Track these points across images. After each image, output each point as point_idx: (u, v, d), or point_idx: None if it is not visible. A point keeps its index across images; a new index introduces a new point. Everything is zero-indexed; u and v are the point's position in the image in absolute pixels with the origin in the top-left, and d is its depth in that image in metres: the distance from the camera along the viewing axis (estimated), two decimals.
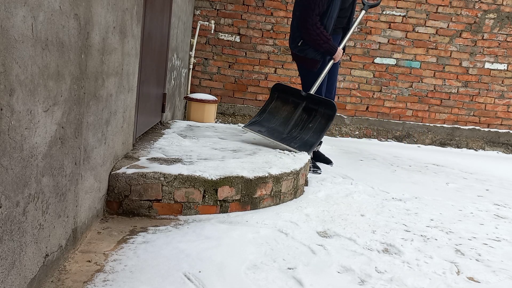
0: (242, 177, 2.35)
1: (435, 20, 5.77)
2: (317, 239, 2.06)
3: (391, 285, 1.68)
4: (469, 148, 5.94)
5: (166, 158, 2.46)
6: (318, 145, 3.92)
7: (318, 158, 3.89)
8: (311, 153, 3.17)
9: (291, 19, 3.65)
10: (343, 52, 3.69)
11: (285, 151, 3.07)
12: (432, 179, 3.76)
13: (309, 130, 3.22)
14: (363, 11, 3.73)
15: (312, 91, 3.37)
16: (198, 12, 5.65)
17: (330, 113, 3.21)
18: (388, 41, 5.78)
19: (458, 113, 5.93)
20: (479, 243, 2.25)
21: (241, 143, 3.24)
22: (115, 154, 2.22)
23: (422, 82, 5.85)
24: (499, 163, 5.03)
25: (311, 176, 3.26)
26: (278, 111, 3.40)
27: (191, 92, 5.58)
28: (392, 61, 5.80)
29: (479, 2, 5.74)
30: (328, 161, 3.87)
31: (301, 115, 3.31)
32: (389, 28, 5.77)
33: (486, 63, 5.85)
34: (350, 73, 5.81)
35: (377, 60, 5.81)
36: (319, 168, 3.52)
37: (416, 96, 5.88)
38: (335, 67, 3.75)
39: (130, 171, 2.16)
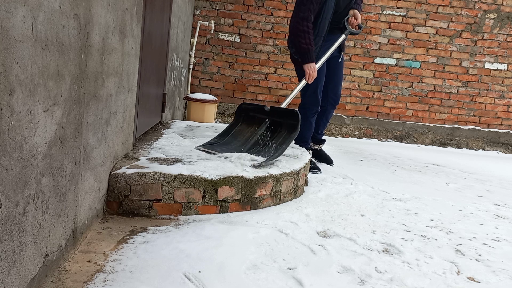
0: (242, 177, 2.35)
1: (435, 20, 5.77)
2: (317, 239, 2.06)
3: (391, 285, 1.68)
4: (469, 148, 5.94)
5: (166, 158, 2.46)
6: (321, 144, 3.88)
7: (320, 157, 3.86)
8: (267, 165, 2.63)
9: (290, 18, 3.64)
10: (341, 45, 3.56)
11: (284, 154, 3.07)
12: (432, 179, 3.76)
13: (271, 147, 2.80)
14: (343, 36, 3.50)
15: (284, 105, 3.15)
16: (198, 12, 5.65)
17: (293, 123, 2.81)
18: (388, 41, 5.78)
19: (458, 113, 5.93)
20: (479, 243, 2.25)
21: None
22: (115, 154, 2.22)
23: (422, 82, 5.85)
24: (499, 163, 5.03)
25: (311, 176, 3.26)
26: (241, 133, 3.07)
27: (191, 92, 5.58)
28: (392, 61, 5.80)
29: (479, 2, 5.74)
30: (329, 161, 3.83)
31: (264, 133, 2.94)
32: (389, 28, 5.77)
33: (486, 63, 5.85)
34: (350, 73, 5.81)
35: (377, 60, 5.81)
36: (319, 169, 3.50)
37: (416, 96, 5.88)
38: (338, 66, 3.63)
39: (130, 171, 2.16)
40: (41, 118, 1.28)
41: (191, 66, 5.51)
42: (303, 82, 3.33)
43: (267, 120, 2.98)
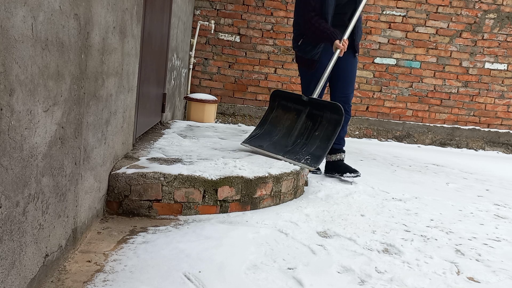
0: (242, 177, 2.35)
1: (435, 20, 5.77)
2: (317, 239, 2.06)
3: (391, 285, 1.68)
4: (469, 148, 5.94)
5: (166, 158, 2.46)
6: (342, 152, 3.46)
7: (345, 170, 3.34)
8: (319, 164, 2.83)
9: (292, 19, 3.57)
10: (355, 44, 3.35)
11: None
12: (432, 179, 3.76)
13: (316, 139, 2.88)
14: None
15: (315, 95, 3.08)
16: (198, 12, 5.65)
17: (337, 118, 2.87)
18: (388, 41, 5.78)
19: (458, 113, 5.93)
20: (479, 243, 2.25)
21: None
22: (115, 154, 2.22)
23: (422, 82, 5.85)
24: (499, 163, 5.03)
25: (311, 176, 3.26)
26: (280, 120, 3.08)
27: (191, 92, 5.58)
28: (392, 61, 5.80)
29: (479, 2, 5.74)
30: (355, 171, 3.33)
31: (305, 123, 2.99)
32: (389, 28, 5.77)
33: (486, 63, 5.85)
34: None
35: (377, 60, 5.81)
36: (318, 169, 3.44)
37: (416, 96, 5.88)
38: (350, 64, 3.39)
39: (130, 171, 2.16)
40: (41, 118, 1.28)
41: (191, 66, 5.51)
42: (336, 54, 3.14)
43: (307, 110, 3.00)
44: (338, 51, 3.14)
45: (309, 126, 2.97)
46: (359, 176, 3.28)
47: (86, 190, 1.79)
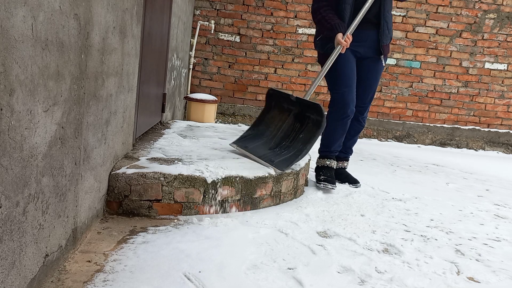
0: (242, 177, 2.35)
1: (435, 20, 5.77)
2: (317, 239, 2.06)
3: (391, 285, 1.68)
4: (469, 148, 5.94)
5: (166, 158, 2.46)
6: (345, 161, 3.26)
7: (345, 179, 3.17)
8: (289, 168, 2.55)
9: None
10: (380, 45, 2.94)
11: None
12: (432, 179, 3.76)
13: (299, 142, 2.65)
14: None
15: (307, 95, 2.81)
16: (198, 12, 5.65)
17: (318, 119, 2.62)
18: None
19: (458, 113, 5.93)
20: (479, 243, 2.25)
21: None
22: (115, 154, 2.22)
23: (422, 82, 5.85)
24: (499, 163, 5.03)
25: (311, 176, 3.26)
26: (273, 121, 2.88)
27: (191, 92, 5.58)
28: (392, 61, 5.80)
29: (479, 2, 5.74)
30: (355, 182, 3.16)
31: (293, 124, 2.76)
32: None
33: (486, 63, 5.85)
34: None
35: None
36: (331, 183, 2.90)
37: (416, 96, 5.88)
38: (372, 69, 3.01)
39: (130, 171, 2.16)
40: (41, 118, 1.28)
41: (191, 66, 5.51)
42: (337, 50, 2.82)
43: (295, 110, 2.78)
44: (339, 47, 2.81)
45: (297, 128, 2.75)
46: (359, 187, 3.11)
47: (86, 190, 1.79)
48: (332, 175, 2.94)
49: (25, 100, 1.17)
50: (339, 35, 2.80)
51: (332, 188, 2.83)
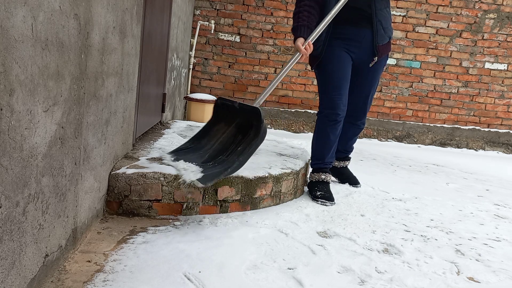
0: (242, 177, 2.35)
1: (435, 20, 5.77)
2: (317, 239, 2.06)
3: (391, 285, 1.68)
4: (469, 148, 5.94)
5: None
6: (342, 161, 3.12)
7: (346, 180, 3.09)
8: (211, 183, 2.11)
9: (291, 19, 3.30)
10: (374, 45, 2.70)
11: (284, 154, 3.07)
12: (432, 179, 3.76)
13: (235, 155, 2.26)
14: None
15: (256, 103, 2.41)
16: (198, 12, 5.65)
17: (256, 125, 2.26)
18: None
19: (458, 113, 5.93)
20: (479, 243, 2.25)
21: None
22: (115, 154, 2.22)
23: (422, 82, 5.85)
24: (499, 163, 5.03)
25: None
26: (217, 134, 2.46)
27: (191, 92, 5.58)
28: (392, 61, 5.80)
29: (479, 2, 5.74)
30: (353, 182, 3.10)
31: (234, 135, 2.38)
32: None
33: (486, 63, 5.85)
34: None
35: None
36: (329, 199, 2.66)
37: (416, 96, 5.88)
38: (367, 73, 2.81)
39: (130, 171, 2.16)
40: (41, 118, 1.28)
41: (191, 66, 5.51)
42: (296, 56, 2.53)
43: (237, 119, 2.39)
44: (297, 54, 2.52)
45: (238, 140, 2.35)
46: (359, 187, 3.06)
47: (86, 190, 1.79)
48: (329, 189, 2.73)
49: (25, 100, 1.17)
50: (300, 41, 2.52)
51: (331, 205, 2.62)
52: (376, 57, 2.76)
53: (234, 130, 2.40)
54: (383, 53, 2.79)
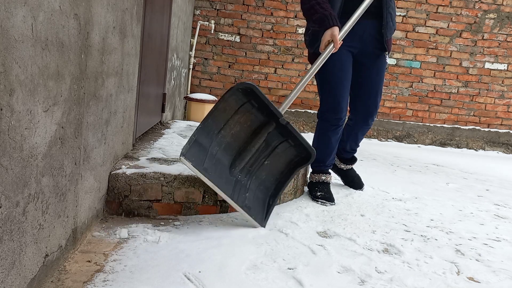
0: None
1: (435, 20, 5.77)
2: (317, 239, 2.06)
3: (391, 285, 1.68)
4: (469, 148, 5.94)
5: (166, 158, 2.46)
6: (348, 163, 3.00)
7: (346, 179, 3.02)
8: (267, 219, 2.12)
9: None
10: (384, 40, 2.57)
11: None
12: (432, 179, 3.76)
13: (262, 172, 2.16)
14: None
15: (283, 109, 2.20)
16: (198, 12, 5.65)
17: (299, 162, 2.23)
18: None
19: (458, 113, 5.94)
20: (479, 243, 2.25)
21: None
22: (115, 154, 2.22)
23: (422, 82, 5.86)
24: (499, 163, 5.03)
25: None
26: (240, 134, 2.17)
27: (191, 92, 5.58)
28: (392, 61, 5.80)
29: (479, 2, 5.74)
30: (357, 185, 3.00)
31: (256, 136, 2.17)
32: None
33: (486, 63, 5.85)
34: None
35: None
36: (329, 200, 2.62)
37: (416, 96, 5.88)
38: (374, 68, 2.66)
39: (130, 171, 2.16)
40: (41, 118, 1.28)
41: (191, 66, 5.51)
42: (327, 50, 2.33)
43: (271, 128, 2.17)
44: (331, 46, 2.32)
45: (261, 148, 2.18)
46: (362, 190, 2.99)
47: (86, 190, 1.79)
48: (329, 190, 2.69)
49: (25, 100, 1.17)
50: (335, 30, 2.29)
51: (331, 205, 2.59)
52: (387, 52, 2.65)
53: (262, 138, 2.18)
54: (391, 47, 2.70)
